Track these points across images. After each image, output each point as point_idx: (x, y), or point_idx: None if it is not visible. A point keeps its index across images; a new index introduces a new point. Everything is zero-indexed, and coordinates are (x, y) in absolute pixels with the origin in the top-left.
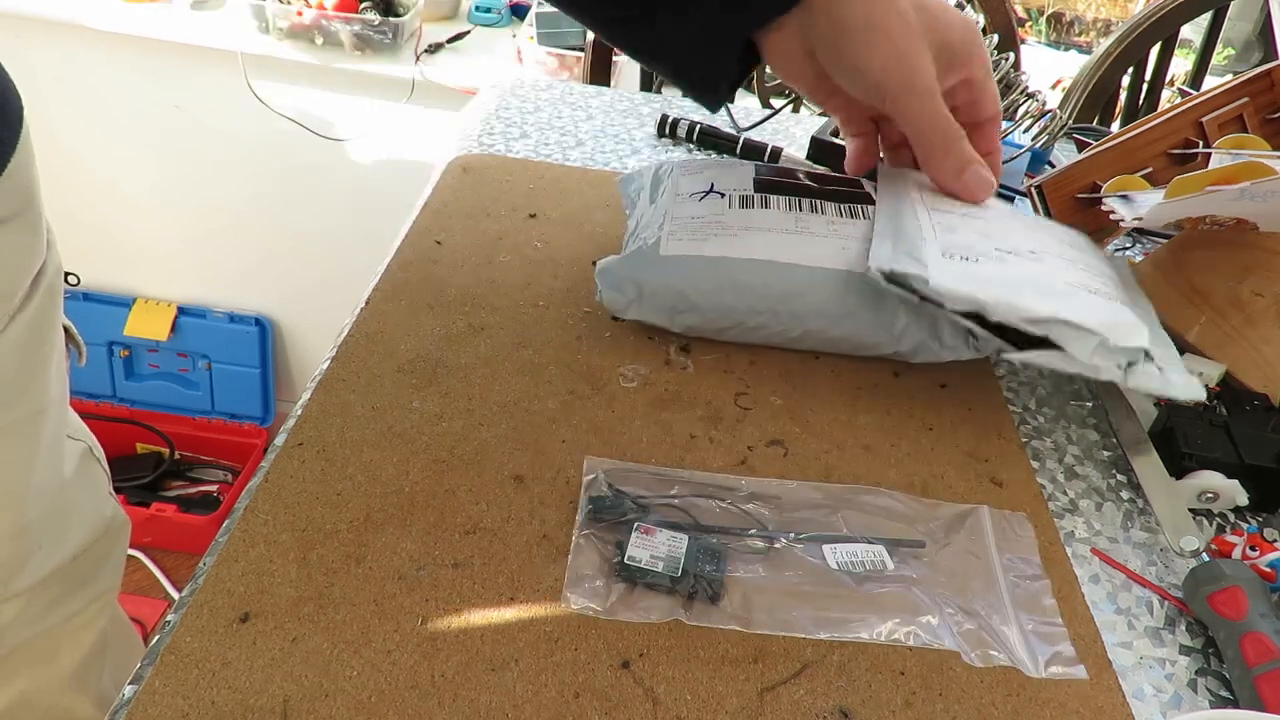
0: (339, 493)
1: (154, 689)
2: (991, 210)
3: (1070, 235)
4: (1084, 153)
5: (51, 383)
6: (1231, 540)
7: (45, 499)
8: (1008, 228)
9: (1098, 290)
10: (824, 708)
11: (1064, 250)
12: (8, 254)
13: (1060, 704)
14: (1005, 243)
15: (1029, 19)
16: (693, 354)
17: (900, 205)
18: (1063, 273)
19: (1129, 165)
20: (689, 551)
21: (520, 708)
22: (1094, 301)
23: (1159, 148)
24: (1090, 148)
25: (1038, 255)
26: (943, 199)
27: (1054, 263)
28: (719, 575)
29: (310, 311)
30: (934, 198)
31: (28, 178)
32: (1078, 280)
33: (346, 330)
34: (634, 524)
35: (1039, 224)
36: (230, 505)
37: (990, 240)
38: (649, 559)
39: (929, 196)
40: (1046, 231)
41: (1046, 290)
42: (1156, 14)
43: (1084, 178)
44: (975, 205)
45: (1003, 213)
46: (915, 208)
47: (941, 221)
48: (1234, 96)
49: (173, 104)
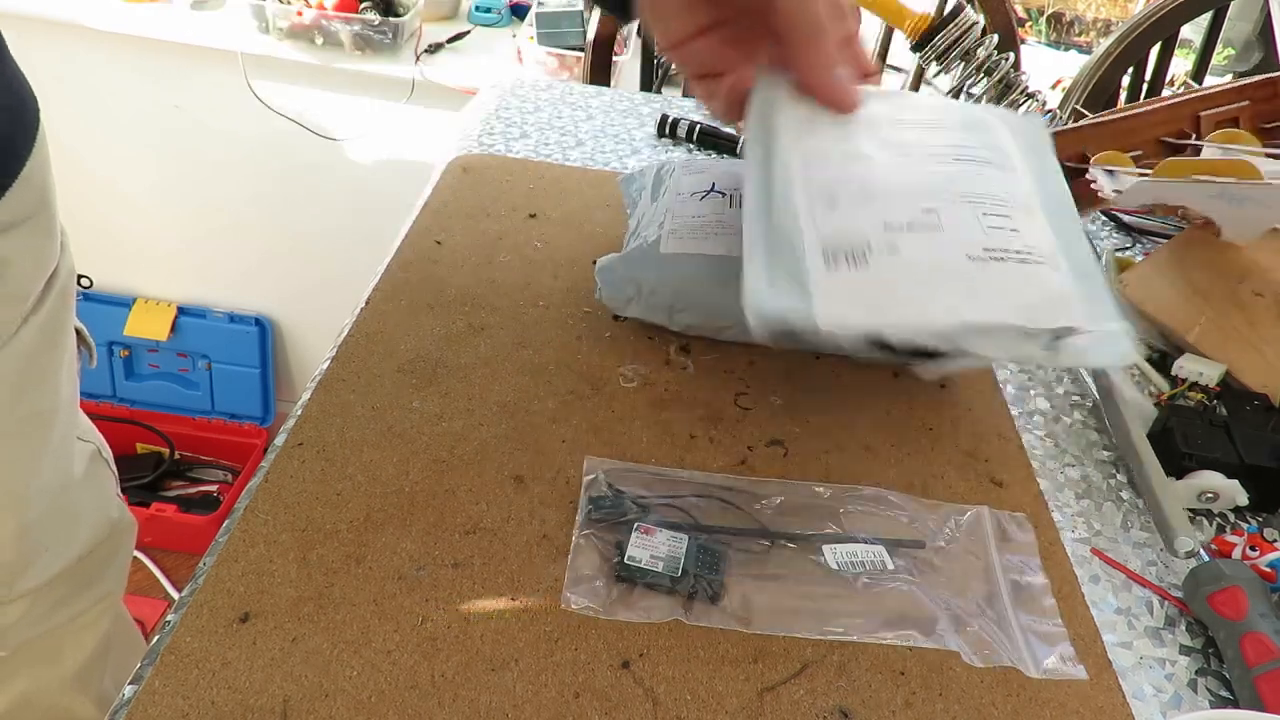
0: (339, 493)
1: (154, 689)
2: (871, 130)
3: (976, 125)
4: (1080, 121)
5: (62, 384)
6: (1231, 540)
7: (53, 500)
8: (894, 166)
9: (1013, 250)
10: (824, 708)
11: (970, 178)
12: (23, 256)
13: (1060, 704)
14: (894, 208)
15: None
16: (693, 354)
17: (770, 169)
18: (970, 232)
19: (1122, 144)
20: (689, 551)
21: (520, 708)
22: (1008, 274)
23: (1154, 133)
24: (1087, 118)
25: (935, 213)
26: (813, 138)
27: (958, 216)
28: (719, 575)
29: (310, 311)
30: (805, 138)
31: (43, 181)
32: (990, 243)
33: (346, 330)
34: (634, 524)
35: (931, 129)
36: (230, 505)
37: (876, 208)
38: (649, 559)
39: (802, 140)
40: (945, 140)
41: (951, 278)
42: (1156, 14)
43: (1074, 146)
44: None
45: (883, 127)
46: (788, 173)
47: (819, 187)
48: (1235, 98)
49: (173, 104)
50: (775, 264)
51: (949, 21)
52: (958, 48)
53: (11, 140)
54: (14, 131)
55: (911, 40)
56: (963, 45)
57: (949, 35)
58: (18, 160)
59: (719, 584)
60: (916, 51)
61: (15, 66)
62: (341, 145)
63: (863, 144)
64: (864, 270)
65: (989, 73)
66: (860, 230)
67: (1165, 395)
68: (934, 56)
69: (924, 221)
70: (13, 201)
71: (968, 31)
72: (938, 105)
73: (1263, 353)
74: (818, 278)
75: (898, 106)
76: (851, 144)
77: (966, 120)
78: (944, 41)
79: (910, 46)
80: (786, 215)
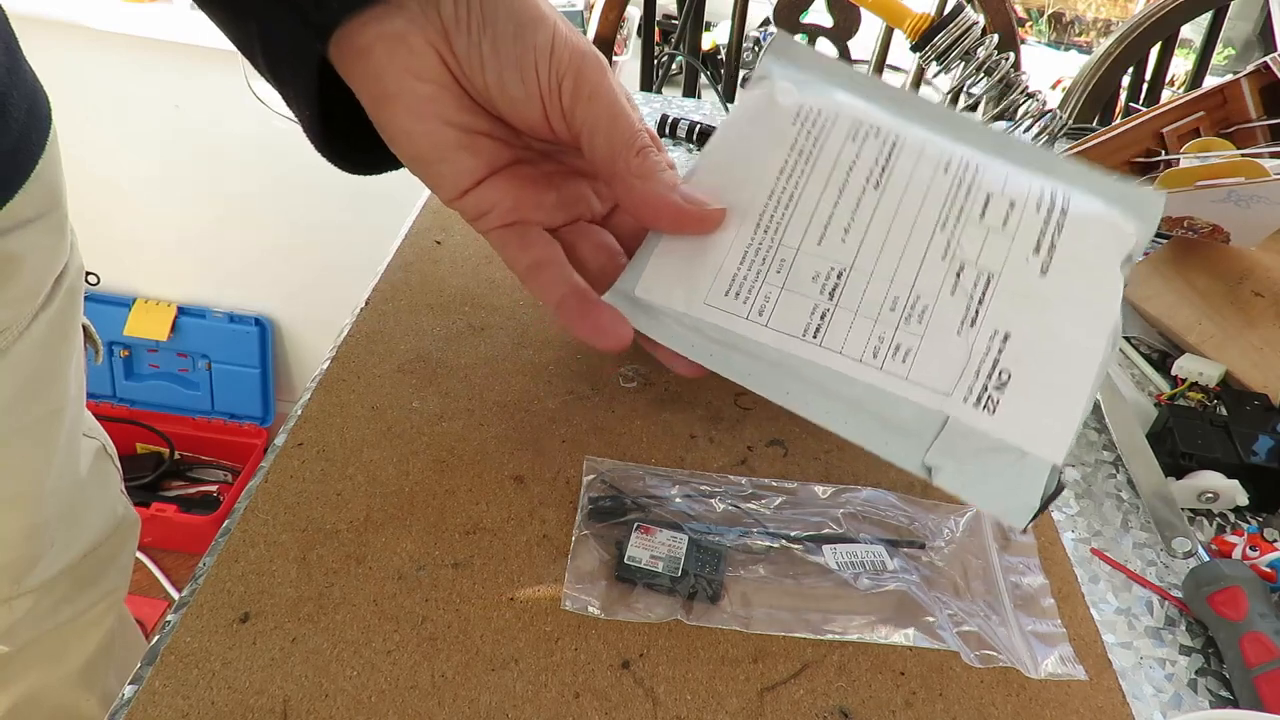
0: (339, 493)
1: (154, 689)
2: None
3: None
4: None
5: (71, 381)
6: (1231, 540)
7: (61, 497)
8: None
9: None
10: (824, 708)
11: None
12: (34, 253)
13: (1060, 704)
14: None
15: (1029, 19)
16: None
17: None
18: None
19: None
20: (689, 551)
21: (520, 708)
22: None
23: (1121, 156)
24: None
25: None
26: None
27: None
28: (719, 576)
29: (310, 311)
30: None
31: (55, 179)
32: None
33: (346, 330)
34: (634, 524)
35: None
36: (230, 505)
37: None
38: (649, 559)
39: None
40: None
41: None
42: (1156, 14)
43: None
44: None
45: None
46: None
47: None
48: (1190, 110)
49: (173, 104)
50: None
51: (949, 21)
52: (958, 48)
53: (27, 138)
54: (29, 128)
55: (911, 40)
56: (963, 45)
57: (949, 35)
58: (32, 157)
59: (719, 584)
60: (916, 51)
61: (28, 64)
62: None
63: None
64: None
65: (989, 73)
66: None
67: (1165, 395)
68: (934, 56)
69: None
70: (27, 198)
71: (968, 31)
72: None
73: (1263, 353)
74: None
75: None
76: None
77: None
78: (944, 41)
79: (910, 46)
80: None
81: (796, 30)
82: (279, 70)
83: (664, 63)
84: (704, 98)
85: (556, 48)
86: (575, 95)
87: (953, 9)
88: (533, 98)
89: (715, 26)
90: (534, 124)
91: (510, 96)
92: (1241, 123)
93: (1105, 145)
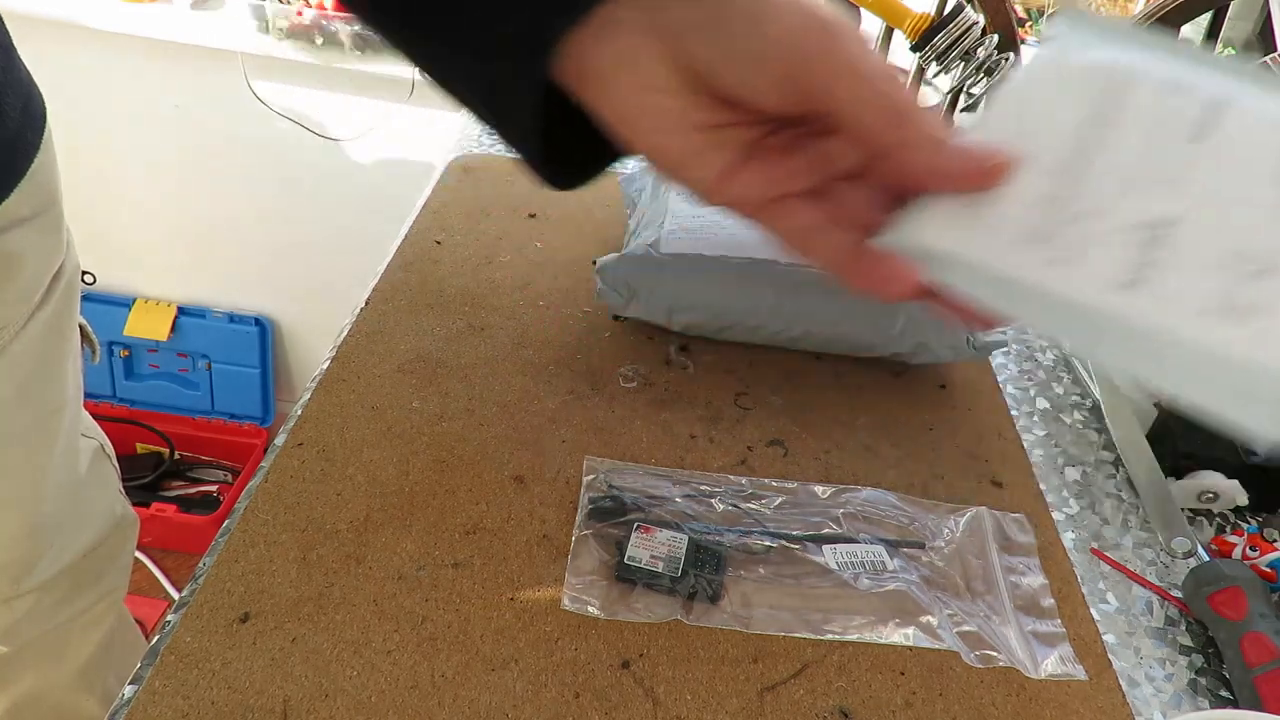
0: (339, 493)
1: (154, 689)
2: None
3: None
4: None
5: (68, 381)
6: (1231, 540)
7: (59, 497)
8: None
9: None
10: (824, 708)
11: None
12: (30, 253)
13: (1060, 704)
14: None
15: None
16: (692, 354)
17: None
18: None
19: None
20: (689, 551)
21: (520, 708)
22: None
23: None
24: None
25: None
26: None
27: None
28: (719, 575)
29: (310, 311)
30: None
31: (51, 179)
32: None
33: (346, 330)
34: (634, 524)
35: None
36: (230, 505)
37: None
38: (649, 559)
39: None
40: None
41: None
42: (1156, 14)
43: None
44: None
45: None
46: None
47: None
48: None
49: (173, 104)
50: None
51: (949, 21)
52: (958, 48)
53: (22, 136)
54: (24, 128)
55: (911, 40)
56: (963, 45)
57: (949, 35)
58: (27, 157)
59: (719, 584)
60: (916, 51)
61: (23, 64)
62: (341, 145)
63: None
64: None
65: (989, 73)
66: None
67: None
68: (934, 56)
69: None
70: (23, 197)
71: (968, 31)
72: None
73: None
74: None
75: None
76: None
77: None
78: (944, 41)
79: (910, 46)
80: None
81: None
82: (494, 106)
83: None
84: None
85: (798, 30)
86: (832, 74)
87: (953, 9)
88: (782, 85)
89: None
90: (784, 107)
91: (756, 88)
92: None
93: None
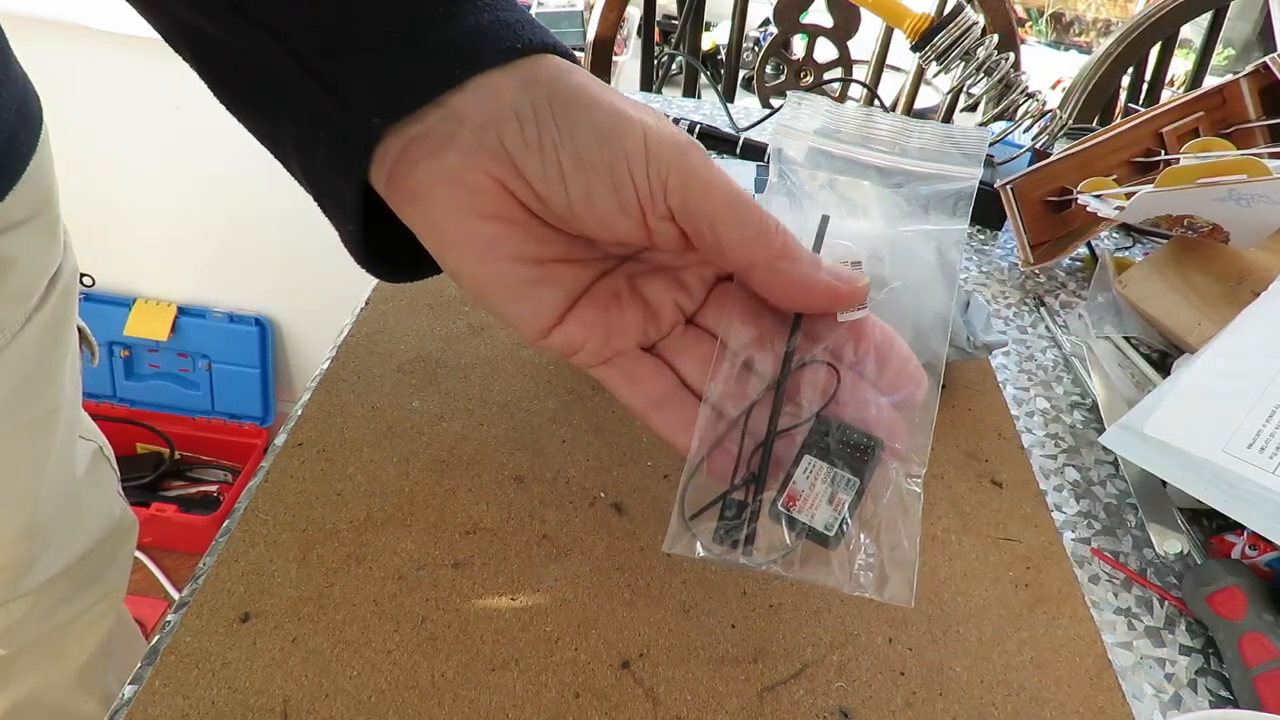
0: (339, 493)
1: (154, 689)
2: None
3: None
4: (1049, 159)
5: (66, 383)
6: (1231, 540)
7: (57, 498)
8: None
9: None
10: (824, 708)
11: None
12: (26, 255)
13: (1060, 704)
14: None
15: (1029, 19)
16: None
17: None
18: None
19: (1092, 172)
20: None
21: (520, 708)
22: None
23: (1121, 156)
24: (1054, 155)
25: None
26: None
27: None
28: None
29: (310, 311)
30: None
31: (47, 180)
32: None
33: (346, 330)
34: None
35: None
36: (230, 505)
37: None
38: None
39: None
40: None
41: None
42: (1156, 14)
43: (1051, 182)
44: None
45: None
46: None
47: None
48: (1189, 111)
49: (173, 104)
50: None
51: (949, 21)
52: (958, 48)
53: (16, 138)
54: (18, 129)
55: (911, 40)
56: (963, 45)
57: (949, 35)
58: (22, 159)
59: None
60: (916, 51)
61: (18, 64)
62: None
63: None
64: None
65: (989, 73)
66: None
67: None
68: (934, 56)
69: None
70: (18, 200)
71: (968, 31)
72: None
73: None
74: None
75: None
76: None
77: None
78: (944, 41)
79: (910, 46)
80: None
81: (796, 30)
82: (315, 180)
83: (664, 63)
84: (704, 98)
85: (652, 146)
86: (686, 190)
87: (953, 9)
88: (629, 205)
89: (715, 26)
90: (626, 233)
91: (599, 211)
92: (1241, 123)
93: (1105, 145)
